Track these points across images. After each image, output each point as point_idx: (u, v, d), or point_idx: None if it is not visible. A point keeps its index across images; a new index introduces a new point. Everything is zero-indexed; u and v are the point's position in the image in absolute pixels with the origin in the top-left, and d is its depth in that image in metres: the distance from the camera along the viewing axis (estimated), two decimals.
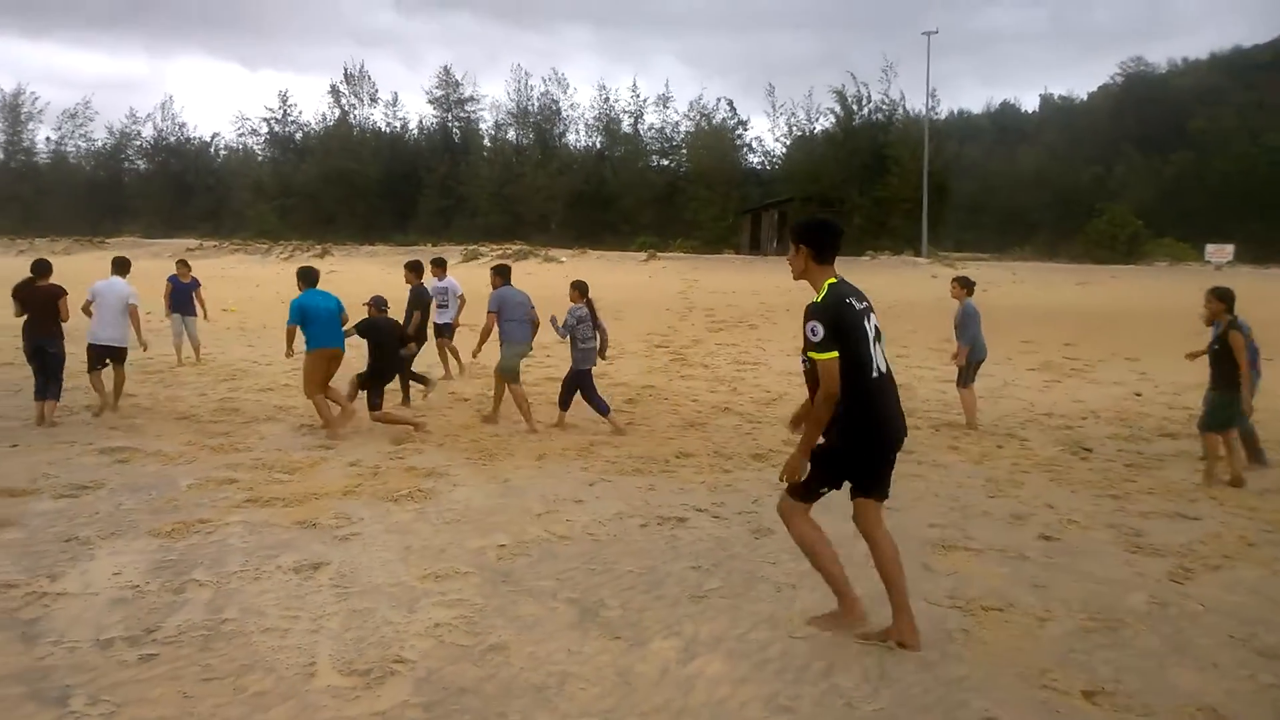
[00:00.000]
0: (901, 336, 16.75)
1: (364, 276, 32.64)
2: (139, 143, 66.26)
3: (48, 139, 65.28)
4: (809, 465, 3.87)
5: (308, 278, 8.81)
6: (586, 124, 59.25)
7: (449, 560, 4.96)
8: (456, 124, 60.85)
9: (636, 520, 5.77)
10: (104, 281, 9.18)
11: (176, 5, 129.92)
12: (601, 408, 8.51)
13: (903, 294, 25.12)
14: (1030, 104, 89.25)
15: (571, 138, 59.36)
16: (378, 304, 8.83)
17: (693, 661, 3.78)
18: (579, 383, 8.57)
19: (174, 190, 61.36)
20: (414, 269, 10.58)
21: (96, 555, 4.93)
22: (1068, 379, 12.39)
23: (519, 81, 59.52)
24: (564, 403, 8.67)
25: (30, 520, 5.53)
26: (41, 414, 8.33)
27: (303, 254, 42.51)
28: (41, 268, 8.69)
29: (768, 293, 26.10)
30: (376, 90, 62.03)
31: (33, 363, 8.47)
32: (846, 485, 4.01)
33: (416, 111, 66.47)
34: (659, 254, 39.55)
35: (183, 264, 13.73)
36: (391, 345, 8.71)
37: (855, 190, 46.17)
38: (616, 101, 58.04)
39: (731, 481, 6.77)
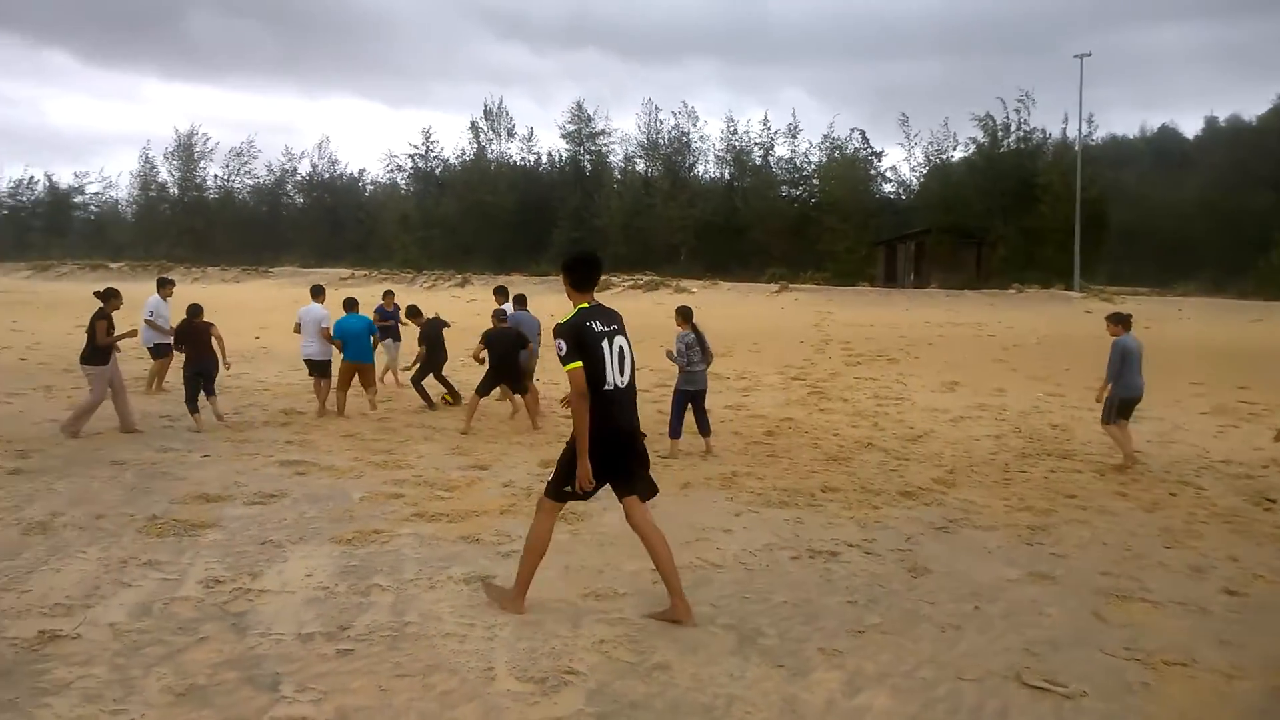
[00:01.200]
0: (1055, 375, 16.02)
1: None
2: (296, 179, 71.22)
3: (216, 176, 70.87)
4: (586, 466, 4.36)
5: (349, 305, 11.50)
6: (716, 155, 59.69)
7: (607, 580, 5.12)
8: (588, 157, 62.51)
9: (787, 552, 5.79)
10: (305, 307, 11.45)
11: (329, 53, 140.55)
12: (677, 430, 8.92)
13: (1055, 329, 24.04)
14: (1192, 127, 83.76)
15: (700, 169, 59.92)
16: (499, 315, 11.02)
17: (859, 695, 3.77)
18: (688, 403, 8.98)
19: (327, 223, 65.40)
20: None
21: (289, 558, 5.36)
22: (1245, 424, 11.52)
23: (649, 114, 60.46)
24: (674, 430, 8.94)
25: (228, 523, 6.07)
26: (200, 421, 9.74)
27: (445, 283, 44.46)
28: (195, 311, 10.26)
29: (907, 326, 25.50)
30: (513, 125, 64.54)
31: (193, 384, 9.86)
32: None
33: (549, 145, 68.51)
34: (790, 285, 39.22)
35: (389, 294, 14.83)
36: (510, 351, 10.35)
37: (999, 220, 44.36)
38: (747, 133, 58.13)
39: (881, 518, 6.68)
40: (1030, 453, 9.36)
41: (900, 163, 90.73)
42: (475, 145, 63.30)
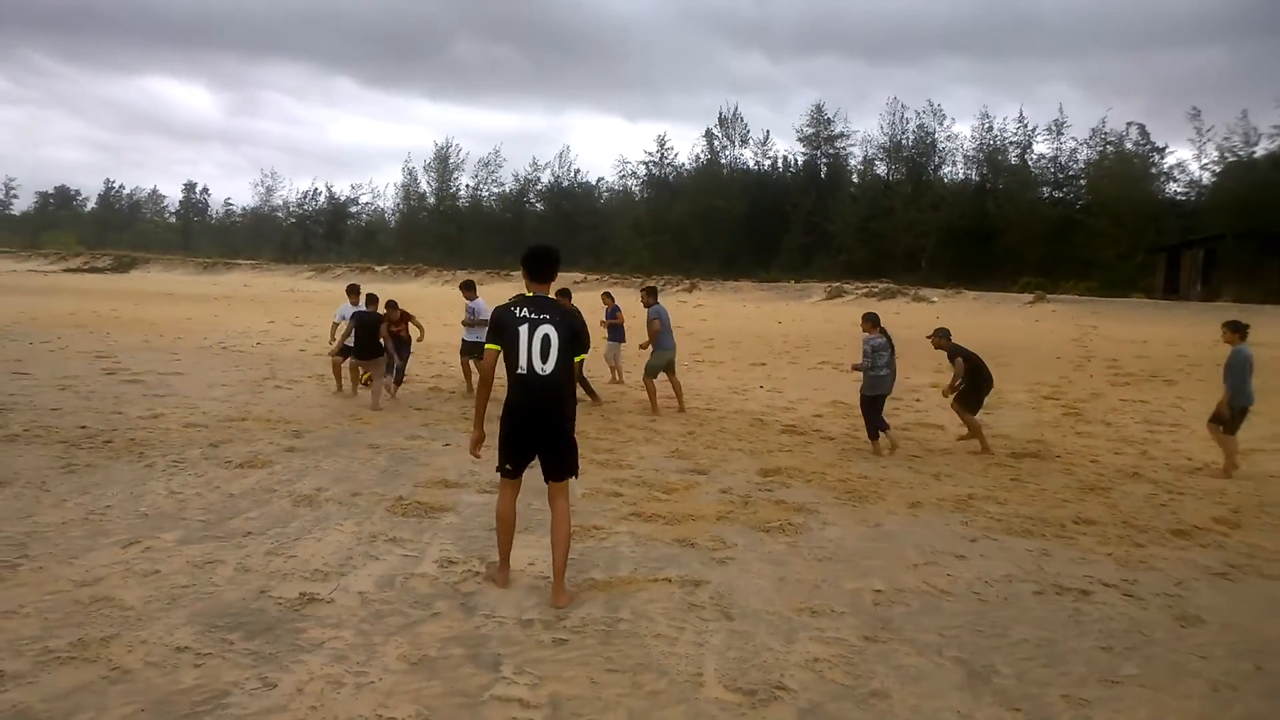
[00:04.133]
0: None
1: (726, 311, 34.06)
2: (538, 187, 75.79)
3: (467, 186, 77.33)
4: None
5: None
6: (965, 156, 56.36)
7: (823, 597, 4.91)
8: (824, 160, 61.35)
9: (1029, 586, 5.27)
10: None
11: (572, 70, 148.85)
12: (875, 432, 9.19)
13: None
14: None
15: (947, 170, 56.86)
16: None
17: None
18: (875, 407, 9.21)
19: (564, 228, 68.93)
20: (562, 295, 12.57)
21: (514, 545, 5.60)
22: None
23: (893, 114, 58.27)
24: (872, 431, 9.23)
25: (463, 509, 6.47)
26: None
27: (673, 288, 45.40)
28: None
29: (1188, 344, 22.59)
30: (748, 130, 64.75)
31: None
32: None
33: (783, 150, 68.02)
34: (1048, 296, 36.11)
35: (607, 295, 15.45)
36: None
37: None
38: (1001, 131, 54.39)
39: (1146, 558, 5.91)
40: None
41: (1189, 160, 79.97)
42: (709, 152, 64.22)
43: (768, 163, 64.57)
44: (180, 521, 5.83)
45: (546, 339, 4.61)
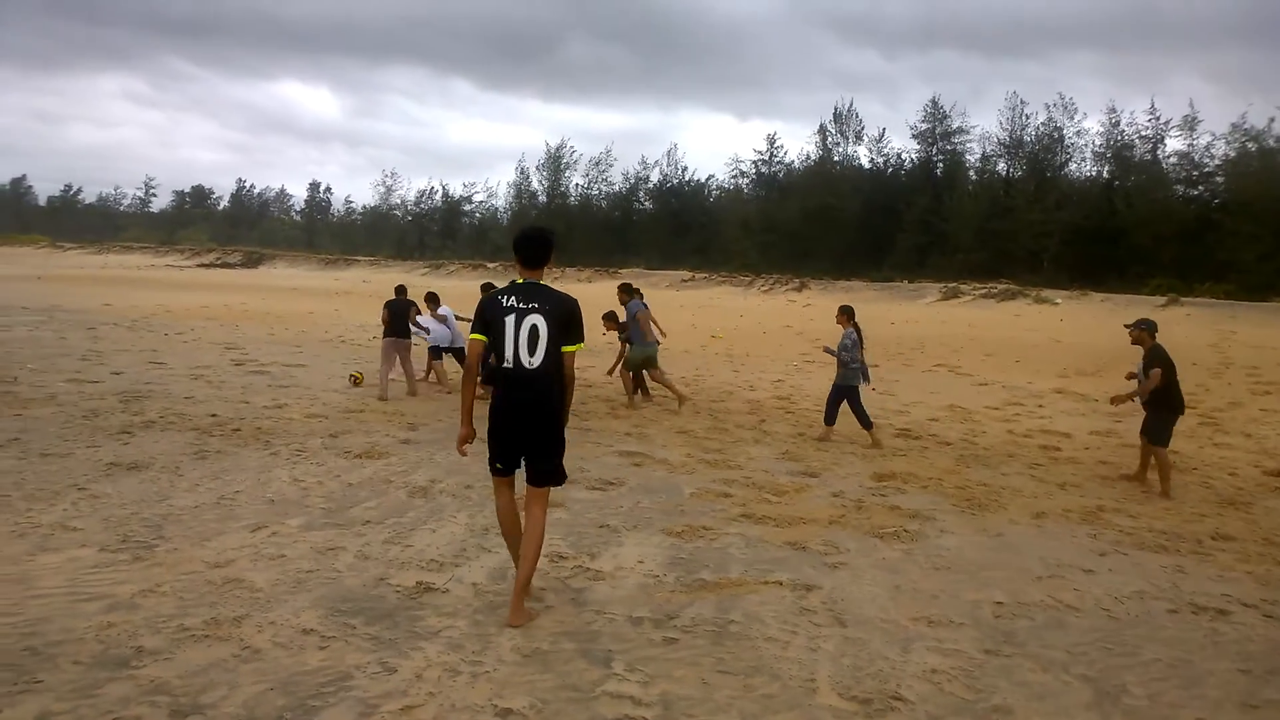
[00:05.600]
0: None
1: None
2: (647, 186, 76.07)
3: (577, 185, 78.24)
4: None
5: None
6: (1093, 152, 53.45)
7: (941, 607, 4.73)
8: (941, 157, 59.38)
9: (1163, 603, 4.95)
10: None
11: (682, 69, 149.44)
12: (866, 423, 9.48)
13: None
14: None
15: (1073, 168, 54.03)
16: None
17: None
18: (844, 397, 9.62)
19: (672, 227, 68.87)
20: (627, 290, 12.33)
21: (624, 543, 5.63)
22: None
23: (1014, 109, 55.75)
24: (829, 417, 9.68)
25: (572, 505, 6.53)
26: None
27: (782, 287, 44.86)
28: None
29: None
30: (862, 126, 63.26)
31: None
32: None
33: (897, 147, 66.01)
34: (1181, 299, 33.96)
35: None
36: None
37: None
38: (1130, 126, 51.33)
39: None
40: None
41: None
42: (821, 149, 63.10)
43: (881, 160, 62.91)
44: (303, 508, 6.09)
45: (535, 329, 4.25)
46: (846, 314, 9.96)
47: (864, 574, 5.22)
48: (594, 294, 21.41)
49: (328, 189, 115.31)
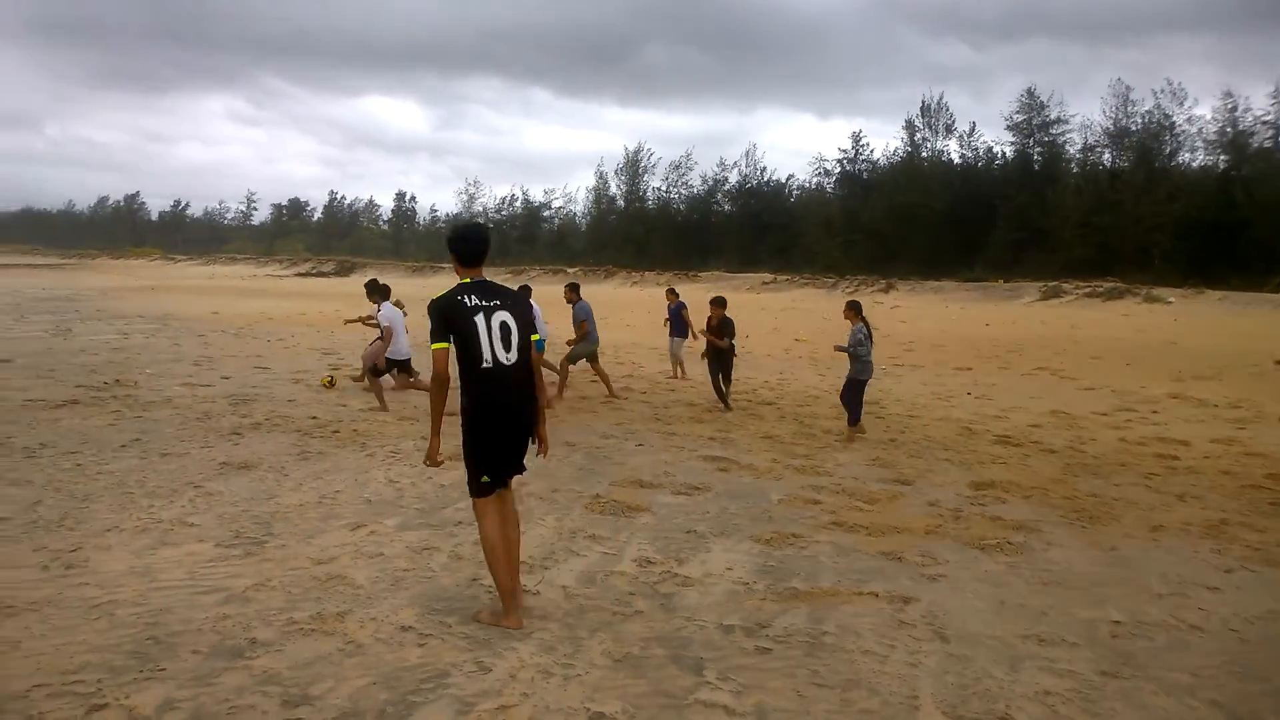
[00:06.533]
0: None
1: (926, 313, 32.51)
2: (726, 188, 75.68)
3: (655, 188, 78.51)
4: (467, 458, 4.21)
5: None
6: (1206, 141, 50.47)
7: (1051, 625, 4.49)
8: (1038, 150, 57.13)
9: None
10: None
11: (761, 69, 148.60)
12: (858, 418, 9.65)
13: None
14: None
15: (1184, 157, 51.14)
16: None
17: None
18: (857, 390, 9.70)
19: (752, 229, 68.21)
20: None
21: (711, 549, 5.55)
22: None
23: (1118, 98, 53.06)
24: (854, 416, 9.68)
25: (658, 509, 6.48)
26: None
27: (867, 289, 43.94)
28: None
29: None
30: (952, 120, 61.50)
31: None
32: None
33: (989, 141, 63.51)
34: None
35: (672, 292, 15.41)
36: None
37: None
38: (1248, 111, 48.27)
39: None
40: None
41: None
42: (908, 146, 61.61)
43: (972, 154, 60.98)
44: (399, 509, 6.22)
45: (505, 325, 4.13)
46: (854, 309, 9.99)
47: (965, 587, 5.01)
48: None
49: (413, 198, 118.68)
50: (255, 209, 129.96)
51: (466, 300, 4.13)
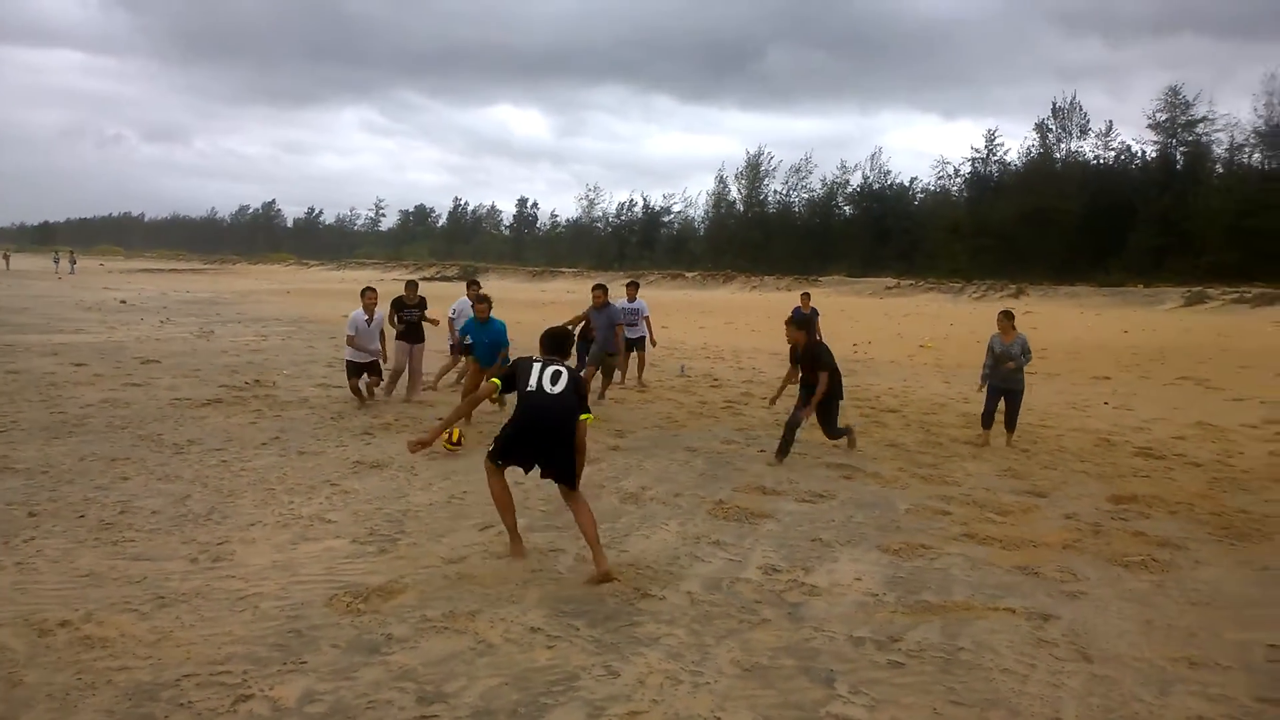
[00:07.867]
0: None
1: (1060, 320, 30.99)
2: (847, 190, 74.16)
3: (776, 192, 77.68)
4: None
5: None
6: None
7: (1201, 647, 4.24)
8: (1181, 149, 53.61)
9: None
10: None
11: (885, 71, 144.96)
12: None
13: None
14: None
15: None
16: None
17: None
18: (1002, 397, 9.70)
19: (874, 233, 66.53)
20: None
21: (839, 558, 5.47)
22: None
23: (1270, 94, 49.30)
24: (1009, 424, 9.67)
25: (782, 517, 6.43)
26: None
27: (996, 294, 42.25)
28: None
29: None
30: (1087, 120, 58.47)
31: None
32: None
33: (1126, 140, 59.89)
34: None
35: (805, 296, 14.96)
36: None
37: None
38: None
39: None
40: None
41: None
42: (1040, 147, 58.93)
43: (1110, 155, 57.76)
44: (525, 510, 6.35)
45: (558, 373, 5.14)
46: (1009, 318, 10.07)
47: (1108, 605, 4.78)
48: (793, 302, 21.05)
49: (534, 204, 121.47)
50: (384, 215, 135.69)
51: (533, 363, 5.22)
